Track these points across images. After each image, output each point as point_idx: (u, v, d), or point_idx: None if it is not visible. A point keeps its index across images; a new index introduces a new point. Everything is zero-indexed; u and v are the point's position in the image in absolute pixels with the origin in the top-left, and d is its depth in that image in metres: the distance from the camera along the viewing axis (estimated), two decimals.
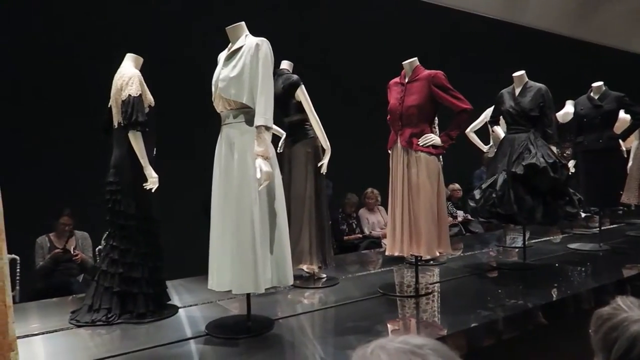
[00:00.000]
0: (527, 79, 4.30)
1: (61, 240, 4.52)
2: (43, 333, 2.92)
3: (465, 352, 2.78)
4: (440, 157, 4.60)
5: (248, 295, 2.83)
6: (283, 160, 4.02)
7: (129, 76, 3.14)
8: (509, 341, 3.05)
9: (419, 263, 3.78)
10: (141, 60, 3.35)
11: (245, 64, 2.66)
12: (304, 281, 3.95)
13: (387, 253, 3.59)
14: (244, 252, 2.59)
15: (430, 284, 3.90)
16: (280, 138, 4.18)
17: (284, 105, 3.89)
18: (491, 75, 5.87)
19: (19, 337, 2.75)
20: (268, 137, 2.61)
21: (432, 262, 4.56)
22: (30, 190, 4.74)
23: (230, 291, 2.66)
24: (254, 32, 2.82)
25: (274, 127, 4.20)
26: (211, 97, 2.86)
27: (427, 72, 3.47)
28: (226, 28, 2.83)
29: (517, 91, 4.28)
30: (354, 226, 5.98)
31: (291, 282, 2.79)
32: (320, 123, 3.79)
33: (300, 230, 3.80)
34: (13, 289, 4.12)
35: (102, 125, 3.39)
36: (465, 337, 2.88)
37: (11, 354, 2.07)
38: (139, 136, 3.09)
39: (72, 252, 4.41)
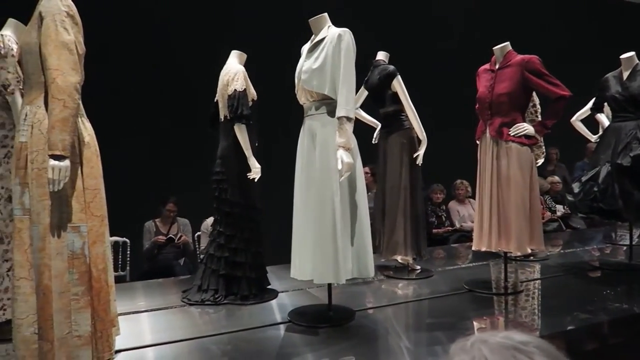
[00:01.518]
0: (637, 61, 3.90)
1: (165, 225, 4.89)
2: (155, 310, 3.19)
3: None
4: (544, 148, 4.34)
5: (329, 285, 2.87)
6: (378, 152, 4.05)
7: (234, 72, 3.31)
8: (612, 347, 2.82)
9: (518, 259, 3.61)
10: (245, 56, 3.51)
11: (328, 55, 2.67)
12: (397, 272, 3.96)
13: (473, 248, 3.46)
14: (325, 243, 2.62)
15: (523, 281, 3.70)
16: (375, 129, 4.19)
17: (379, 96, 3.90)
18: (596, 58, 5.39)
19: (131, 313, 3.08)
20: (350, 128, 2.61)
21: (532, 258, 4.35)
22: (141, 180, 5.19)
23: (312, 280, 2.72)
24: (343, 24, 2.82)
25: (368, 117, 4.25)
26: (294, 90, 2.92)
27: (519, 57, 3.26)
28: (309, 20, 2.85)
29: (625, 75, 3.89)
30: (444, 219, 5.81)
31: (372, 274, 2.78)
32: (416, 113, 3.74)
33: (395, 221, 3.80)
34: (124, 269, 4.57)
35: (208, 119, 3.60)
36: (561, 340, 2.70)
37: (113, 330, 2.28)
38: (244, 129, 3.26)
39: (174, 239, 4.75)
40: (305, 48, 2.91)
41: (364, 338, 2.64)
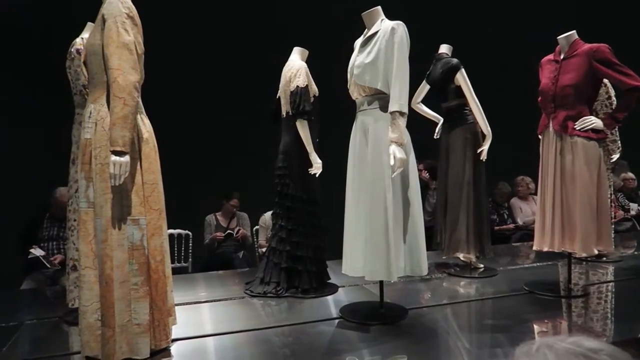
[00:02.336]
0: None
1: (225, 219, 5.02)
2: (215, 301, 3.30)
3: None
4: (619, 142, 4.06)
5: (381, 282, 2.84)
6: (440, 147, 4.00)
7: (296, 68, 3.36)
8: None
9: (588, 261, 3.42)
10: (307, 52, 3.56)
11: (380, 49, 2.63)
12: (460, 270, 3.90)
13: (534, 247, 3.30)
14: (377, 240, 2.60)
15: (592, 284, 3.51)
16: (437, 124, 4.12)
17: (442, 90, 3.84)
18: None
19: (192, 303, 3.20)
20: (403, 123, 2.56)
21: (604, 259, 4.12)
22: (203, 175, 5.37)
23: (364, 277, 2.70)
24: (403, 17, 2.76)
25: (430, 112, 4.18)
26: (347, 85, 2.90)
27: (587, 46, 3.06)
28: (362, 14, 2.81)
29: None
30: (505, 216, 5.59)
31: (425, 272, 2.73)
32: (480, 108, 3.65)
33: (457, 218, 3.74)
34: (186, 261, 4.75)
35: (270, 115, 3.66)
36: (635, 349, 2.53)
37: (169, 319, 2.37)
38: (306, 124, 3.30)
39: (233, 233, 4.87)
40: (358, 42, 2.88)
41: (417, 337, 2.59)
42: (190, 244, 4.85)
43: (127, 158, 2.10)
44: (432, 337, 2.60)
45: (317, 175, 3.40)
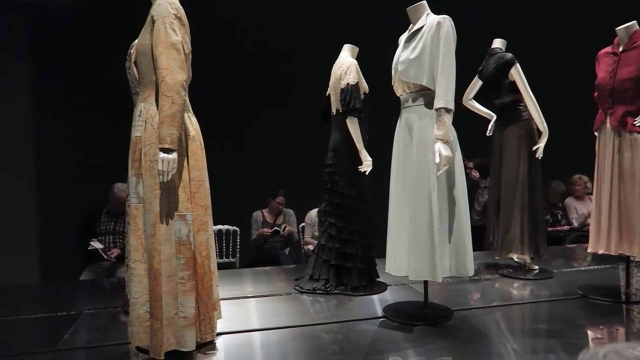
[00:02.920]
0: None
1: (272, 216, 5.09)
2: (263, 296, 3.37)
3: None
4: None
5: (425, 282, 2.80)
6: (493, 144, 3.91)
7: (347, 65, 3.36)
8: None
9: None
10: (357, 49, 3.55)
11: (426, 44, 2.59)
12: (512, 271, 3.80)
13: (589, 250, 3.15)
14: (421, 239, 2.56)
15: None
16: (489, 121, 4.02)
17: (496, 86, 3.75)
18: None
19: (239, 298, 3.27)
20: (449, 120, 2.51)
21: None
22: (250, 172, 5.46)
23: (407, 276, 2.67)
24: (455, 11, 2.71)
25: (482, 108, 4.09)
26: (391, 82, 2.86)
27: None
28: (407, 9, 2.76)
29: None
30: (559, 217, 5.37)
31: (471, 273, 2.66)
32: (536, 103, 3.53)
33: (511, 218, 3.64)
34: (234, 256, 4.84)
35: (321, 113, 3.68)
36: None
37: (214, 313, 2.42)
38: (356, 122, 3.30)
39: (280, 230, 4.92)
40: (402, 38, 2.84)
41: (463, 339, 2.54)
42: (238, 240, 4.95)
43: (174, 155, 2.16)
44: (479, 340, 2.54)
45: (367, 173, 3.39)
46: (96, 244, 4.22)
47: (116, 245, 4.30)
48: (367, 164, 3.36)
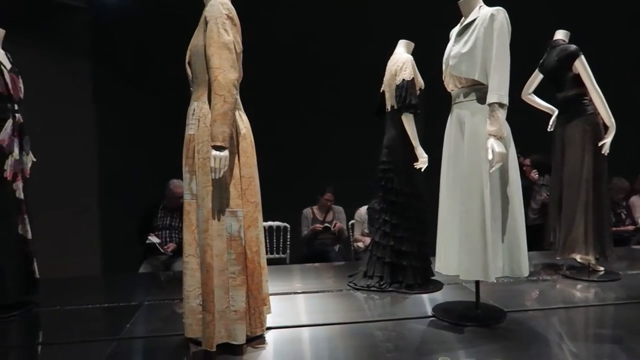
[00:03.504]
0: None
1: (322, 213, 5.11)
2: (316, 292, 3.40)
3: None
4: None
5: (477, 282, 2.73)
6: (554, 140, 3.78)
7: (402, 61, 3.34)
8: None
9: None
10: (412, 45, 3.52)
11: (478, 38, 2.51)
12: (575, 272, 3.66)
13: None
14: (473, 237, 2.49)
15: None
16: (550, 116, 3.88)
17: (558, 79, 3.63)
18: None
19: (288, 294, 3.31)
20: (502, 115, 2.43)
21: None
22: (301, 169, 5.51)
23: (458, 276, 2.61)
24: (513, 3, 2.62)
25: (543, 103, 3.96)
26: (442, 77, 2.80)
27: None
28: (459, 1, 2.70)
29: None
30: (623, 216, 5.08)
31: (526, 273, 2.56)
32: (603, 97, 3.39)
33: (573, 217, 3.51)
34: (284, 252, 4.90)
35: (375, 109, 3.67)
36: None
37: (264, 308, 2.46)
38: (411, 118, 3.28)
39: (330, 226, 4.94)
40: (454, 32, 2.76)
41: (517, 342, 2.45)
42: (288, 236, 5.00)
43: (226, 153, 2.20)
44: (534, 343, 2.44)
45: (422, 170, 3.34)
46: (153, 239, 4.38)
47: (172, 239, 4.45)
48: (422, 161, 3.32)
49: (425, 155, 3.31)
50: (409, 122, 3.27)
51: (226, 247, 2.28)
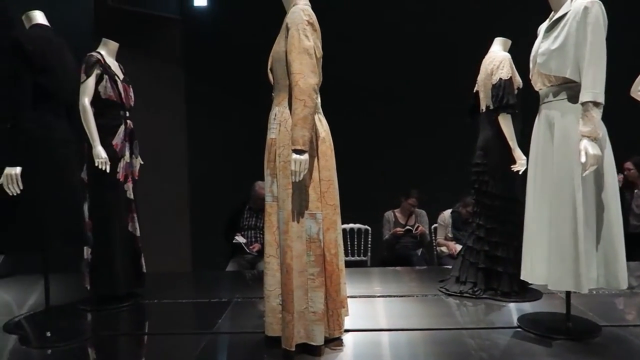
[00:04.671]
0: None
1: (404, 216, 5.04)
2: (399, 296, 3.36)
3: None
4: None
5: (568, 293, 2.55)
6: None
7: (499, 60, 3.24)
8: None
9: None
10: (509, 42, 3.39)
11: (570, 33, 2.35)
12: None
13: None
14: (564, 245, 2.34)
15: None
16: None
17: None
18: None
19: (367, 297, 3.31)
20: (597, 114, 2.26)
21: None
22: (383, 171, 5.49)
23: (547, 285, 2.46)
24: None
25: None
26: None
27: None
28: None
29: None
30: None
31: (624, 285, 2.35)
32: None
33: None
34: (365, 255, 4.90)
35: (468, 110, 3.59)
36: None
37: (342, 310, 2.47)
38: (509, 118, 3.18)
39: (412, 230, 4.86)
40: (542, 27, 2.61)
41: (612, 359, 2.27)
42: (369, 239, 4.99)
43: (306, 156, 2.24)
44: None
45: (520, 172, 3.20)
46: (240, 239, 4.56)
47: (257, 239, 4.59)
48: (521, 163, 3.19)
49: (524, 157, 3.15)
50: (506, 123, 3.15)
51: (305, 248, 2.32)
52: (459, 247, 4.64)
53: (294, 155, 2.22)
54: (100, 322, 3.03)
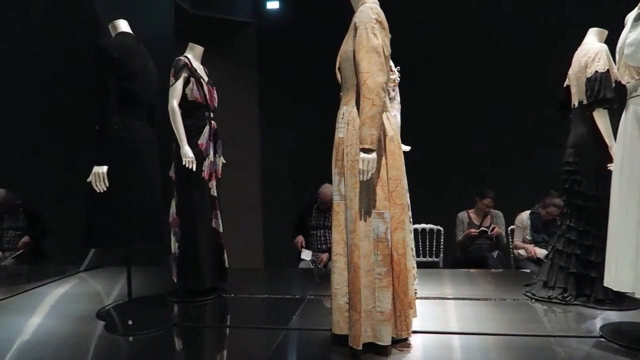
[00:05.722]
0: None
1: (478, 217, 4.88)
2: (474, 299, 3.27)
3: None
4: None
5: None
6: None
7: (595, 51, 3.07)
8: None
9: None
10: (606, 33, 3.22)
11: None
12: None
13: None
14: None
15: None
16: None
17: None
18: None
19: (439, 298, 3.26)
20: None
21: None
22: (457, 171, 5.35)
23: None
24: None
25: None
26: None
27: None
28: None
29: None
30: None
31: None
32: None
33: None
34: (437, 256, 4.80)
35: (558, 105, 3.45)
36: None
37: (410, 312, 2.44)
38: (605, 114, 3.00)
39: (487, 231, 4.69)
40: (630, 17, 2.43)
41: None
42: (442, 240, 4.88)
43: (374, 155, 2.24)
44: None
45: None
46: (306, 255, 4.59)
47: (325, 239, 4.62)
48: None
49: None
50: (602, 119, 2.96)
51: (373, 248, 2.31)
52: (538, 250, 4.43)
53: (362, 154, 2.22)
54: (184, 313, 3.21)
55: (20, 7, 4.88)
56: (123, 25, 2.97)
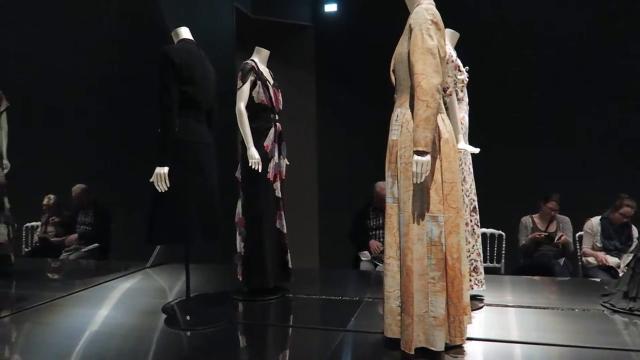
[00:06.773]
0: None
1: (543, 222, 4.68)
2: (538, 307, 3.14)
3: None
4: None
5: None
6: None
7: None
8: None
9: None
10: None
11: None
12: None
13: None
14: None
15: None
16: None
17: None
18: None
19: (501, 306, 3.15)
20: None
21: None
22: (521, 174, 5.16)
23: None
24: None
25: None
26: None
27: None
28: None
29: None
30: None
31: None
32: None
33: None
34: (499, 262, 4.64)
35: None
36: None
37: (465, 318, 2.38)
38: None
39: (553, 237, 4.48)
40: None
41: None
42: (504, 245, 4.71)
43: (428, 157, 2.20)
44: None
45: None
46: (364, 257, 4.59)
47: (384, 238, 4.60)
48: None
49: None
50: None
51: (426, 251, 2.27)
52: (609, 257, 4.20)
53: (416, 157, 2.19)
54: (247, 311, 3.30)
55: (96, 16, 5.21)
56: (184, 32, 3.09)
